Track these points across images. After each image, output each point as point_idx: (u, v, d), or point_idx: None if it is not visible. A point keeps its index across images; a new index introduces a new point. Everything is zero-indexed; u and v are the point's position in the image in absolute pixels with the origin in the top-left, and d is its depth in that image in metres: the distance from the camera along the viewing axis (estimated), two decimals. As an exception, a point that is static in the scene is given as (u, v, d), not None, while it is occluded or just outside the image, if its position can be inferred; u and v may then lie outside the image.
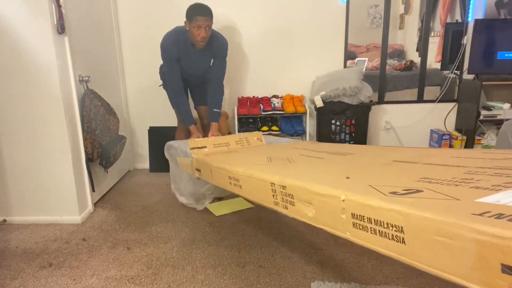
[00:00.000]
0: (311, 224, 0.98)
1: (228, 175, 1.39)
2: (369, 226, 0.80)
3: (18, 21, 2.01)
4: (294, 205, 1.04)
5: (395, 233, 0.73)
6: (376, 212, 0.77)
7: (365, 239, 0.82)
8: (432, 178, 0.94)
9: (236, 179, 1.33)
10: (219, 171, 1.48)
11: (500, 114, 3.00)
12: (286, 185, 1.06)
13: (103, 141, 2.45)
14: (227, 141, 1.99)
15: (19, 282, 1.70)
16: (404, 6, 4.58)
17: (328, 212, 0.91)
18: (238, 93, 3.28)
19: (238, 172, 1.33)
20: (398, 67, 3.91)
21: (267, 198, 1.16)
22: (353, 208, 0.83)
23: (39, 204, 2.29)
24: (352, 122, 2.94)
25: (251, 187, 1.26)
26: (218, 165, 1.51)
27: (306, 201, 0.98)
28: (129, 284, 1.67)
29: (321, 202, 0.93)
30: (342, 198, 0.86)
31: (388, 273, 1.71)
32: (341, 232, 0.88)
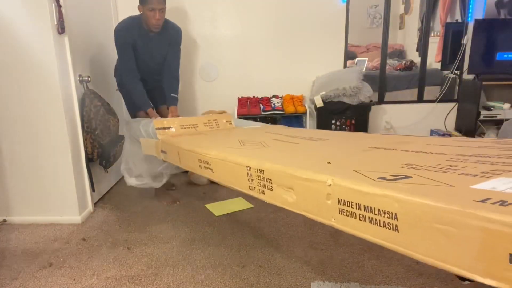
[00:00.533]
0: (291, 210, 0.94)
1: (198, 158, 1.33)
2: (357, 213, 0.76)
3: (18, 21, 2.01)
4: (272, 190, 0.99)
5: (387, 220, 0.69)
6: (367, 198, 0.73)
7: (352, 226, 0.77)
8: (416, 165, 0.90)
9: (207, 162, 1.28)
10: (188, 154, 1.42)
11: (500, 114, 3.00)
12: (264, 169, 1.01)
13: (103, 141, 2.45)
14: (195, 122, 1.90)
15: (19, 282, 1.70)
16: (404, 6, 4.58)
17: (311, 197, 0.87)
18: (238, 93, 3.28)
19: (209, 155, 1.27)
20: (398, 67, 3.91)
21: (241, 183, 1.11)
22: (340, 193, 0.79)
23: (39, 204, 2.29)
24: (352, 122, 2.94)
25: (223, 171, 1.20)
26: (187, 147, 1.44)
27: (287, 186, 0.94)
28: (129, 284, 1.67)
29: (304, 187, 0.89)
30: (328, 182, 0.81)
31: (388, 273, 1.71)
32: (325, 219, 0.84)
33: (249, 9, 3.15)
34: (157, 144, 1.72)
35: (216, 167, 1.24)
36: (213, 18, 3.18)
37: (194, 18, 3.16)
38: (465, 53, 3.19)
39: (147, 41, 2.43)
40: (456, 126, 3.33)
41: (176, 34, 2.54)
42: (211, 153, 1.27)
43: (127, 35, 2.36)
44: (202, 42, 3.21)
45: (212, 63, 3.25)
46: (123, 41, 2.36)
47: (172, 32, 2.51)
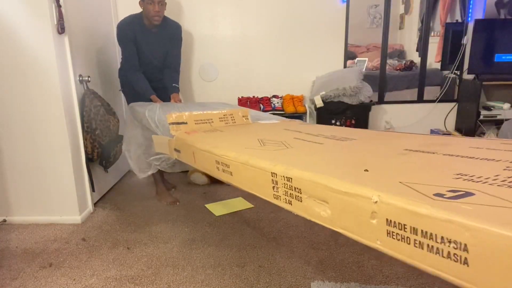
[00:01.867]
0: (325, 225, 0.85)
1: (215, 159, 1.24)
2: (412, 238, 0.63)
3: (18, 21, 2.01)
4: (302, 201, 0.88)
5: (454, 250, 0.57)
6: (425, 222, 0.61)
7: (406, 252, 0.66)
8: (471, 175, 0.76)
9: (226, 164, 1.18)
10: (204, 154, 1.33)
11: (500, 114, 3.00)
12: (292, 177, 0.90)
13: (103, 141, 2.45)
14: (210, 117, 1.81)
15: (19, 282, 1.70)
16: (404, 6, 4.58)
17: (350, 214, 0.76)
18: (238, 93, 3.28)
19: (228, 157, 1.17)
20: (398, 67, 3.91)
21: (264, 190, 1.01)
22: (389, 213, 0.67)
23: (39, 204, 2.29)
24: (352, 122, 2.94)
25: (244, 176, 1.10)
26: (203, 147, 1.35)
27: (320, 198, 0.83)
28: (129, 284, 1.67)
29: (342, 202, 0.77)
30: (374, 199, 0.69)
31: (388, 273, 1.71)
32: (369, 240, 0.73)
33: (249, 9, 3.15)
34: (170, 142, 1.65)
35: (236, 170, 1.14)
36: (213, 18, 3.18)
37: (194, 18, 3.16)
38: (465, 53, 3.19)
39: (148, 36, 2.46)
40: (456, 126, 3.33)
41: (176, 30, 2.59)
42: (230, 154, 1.17)
43: (128, 29, 2.40)
44: (202, 42, 3.21)
45: (212, 63, 3.25)
46: (124, 36, 2.40)
47: (172, 28, 2.57)
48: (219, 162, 1.22)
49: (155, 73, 2.61)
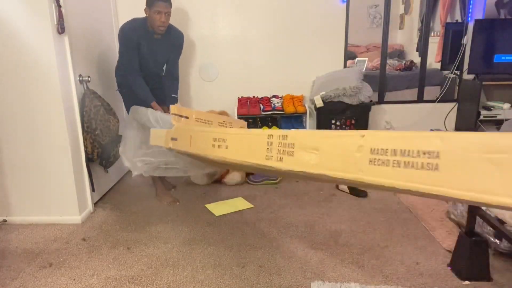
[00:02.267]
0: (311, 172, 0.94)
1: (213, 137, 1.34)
2: (391, 159, 0.74)
3: (18, 21, 2.01)
4: (293, 155, 0.99)
5: (427, 160, 0.68)
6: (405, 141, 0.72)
7: (383, 174, 0.76)
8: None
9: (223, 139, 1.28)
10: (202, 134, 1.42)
11: (500, 114, 3.00)
12: (287, 135, 1.01)
13: (103, 141, 2.45)
14: (211, 119, 1.91)
15: (19, 282, 1.70)
16: (404, 6, 4.58)
17: (338, 154, 0.87)
18: (238, 93, 3.28)
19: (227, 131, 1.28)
20: (398, 67, 3.91)
21: (258, 154, 1.11)
22: (374, 142, 0.78)
23: (39, 204, 2.29)
24: (352, 122, 2.94)
25: (240, 145, 1.21)
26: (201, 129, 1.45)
27: (311, 148, 0.94)
28: (129, 284, 1.67)
29: (332, 145, 0.89)
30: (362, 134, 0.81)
31: (388, 273, 1.71)
32: (351, 173, 0.82)
33: (249, 9, 3.15)
34: (168, 132, 1.72)
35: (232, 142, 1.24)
36: (213, 18, 3.18)
37: (194, 18, 3.16)
38: (465, 53, 3.19)
39: (151, 43, 2.46)
40: (456, 126, 3.33)
41: (179, 38, 2.60)
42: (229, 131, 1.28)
43: (133, 35, 2.39)
44: (202, 42, 3.21)
45: (212, 63, 3.25)
46: (129, 40, 2.40)
47: (176, 36, 2.57)
48: (216, 139, 1.32)
49: (153, 77, 2.63)
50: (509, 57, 3.03)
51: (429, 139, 0.68)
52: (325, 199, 2.58)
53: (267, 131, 1.11)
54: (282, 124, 3.21)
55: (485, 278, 1.64)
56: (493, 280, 1.64)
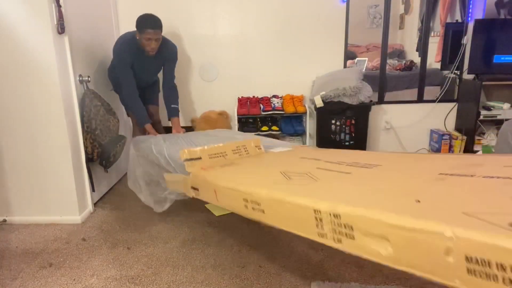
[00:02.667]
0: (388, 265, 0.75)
1: (243, 198, 1.16)
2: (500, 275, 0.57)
3: (18, 21, 2.01)
4: (355, 239, 0.80)
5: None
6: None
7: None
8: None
9: (257, 202, 1.10)
10: (229, 192, 1.25)
11: (500, 114, 3.00)
12: (340, 214, 0.82)
13: (103, 141, 2.46)
14: (224, 150, 1.77)
15: (19, 282, 1.70)
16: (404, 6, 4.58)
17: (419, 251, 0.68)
18: (238, 93, 3.28)
19: (259, 194, 1.09)
20: (398, 67, 3.91)
21: (307, 228, 0.92)
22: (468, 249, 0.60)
23: (39, 204, 2.29)
24: (352, 122, 2.94)
25: (280, 213, 1.02)
26: (226, 184, 1.28)
27: (378, 235, 0.75)
28: (129, 284, 1.67)
29: (406, 238, 0.70)
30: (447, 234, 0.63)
31: (388, 273, 1.71)
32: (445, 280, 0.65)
33: (249, 9, 3.15)
34: (186, 180, 1.59)
35: (269, 208, 1.06)
36: (213, 18, 3.18)
37: (194, 18, 3.16)
38: (465, 53, 3.19)
39: (143, 60, 2.51)
40: (456, 126, 3.33)
41: (171, 54, 2.62)
42: (261, 192, 1.09)
43: (127, 56, 2.44)
44: (202, 42, 3.21)
45: (212, 63, 3.25)
46: (123, 62, 2.45)
47: (168, 51, 2.59)
48: (248, 200, 1.14)
49: (145, 82, 2.71)
50: (508, 57, 3.03)
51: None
52: (325, 199, 2.58)
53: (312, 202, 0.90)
54: (282, 124, 3.21)
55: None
56: (493, 280, 1.63)
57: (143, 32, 2.34)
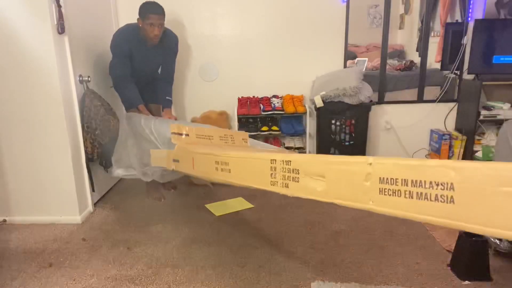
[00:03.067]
0: (319, 199, 0.91)
1: (215, 160, 1.31)
2: (403, 190, 0.71)
3: (18, 21, 2.01)
4: (299, 181, 0.96)
5: (441, 192, 0.64)
6: (417, 171, 0.68)
7: (396, 205, 0.72)
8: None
9: (225, 162, 1.25)
10: (204, 157, 1.40)
11: (500, 114, 3.00)
12: (291, 160, 0.98)
13: (103, 141, 2.45)
14: (211, 134, 1.86)
15: (19, 282, 1.70)
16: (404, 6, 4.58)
17: (345, 182, 0.83)
18: (238, 93, 3.28)
19: (229, 154, 1.25)
20: (398, 67, 3.91)
21: (262, 179, 1.07)
22: (382, 171, 0.74)
23: (39, 204, 2.29)
24: (352, 122, 2.94)
25: (243, 169, 1.18)
26: (204, 151, 1.42)
27: (317, 174, 0.90)
28: (129, 284, 1.67)
29: (338, 172, 0.85)
30: (369, 161, 0.77)
31: (388, 273, 1.71)
32: (361, 203, 0.79)
33: (249, 9, 3.15)
34: (169, 154, 1.69)
35: (235, 166, 1.21)
36: (213, 18, 3.17)
37: (194, 18, 3.16)
38: (465, 53, 3.19)
39: (144, 51, 2.48)
40: (456, 126, 3.33)
41: (172, 44, 2.58)
42: (231, 153, 1.26)
43: (125, 45, 2.40)
44: (202, 42, 3.21)
45: (212, 63, 3.25)
46: (120, 50, 2.41)
47: (169, 41, 2.56)
48: (219, 162, 1.28)
49: (146, 78, 2.66)
50: (508, 58, 3.03)
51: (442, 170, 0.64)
52: (325, 199, 2.58)
53: (270, 155, 1.06)
54: (282, 124, 3.21)
55: (485, 278, 1.64)
56: (493, 280, 1.64)
57: (147, 18, 2.30)
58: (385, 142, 3.40)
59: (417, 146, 3.39)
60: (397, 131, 3.38)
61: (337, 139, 2.98)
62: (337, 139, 2.97)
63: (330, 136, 2.98)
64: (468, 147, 3.08)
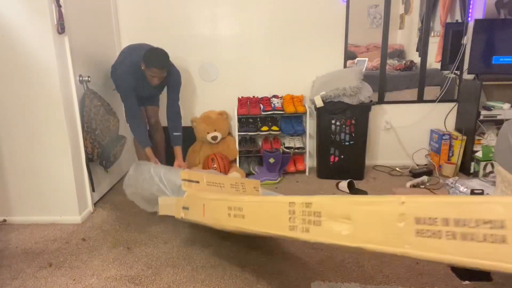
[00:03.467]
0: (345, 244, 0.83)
1: (228, 206, 1.24)
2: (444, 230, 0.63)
3: (18, 21, 2.01)
4: (321, 224, 0.89)
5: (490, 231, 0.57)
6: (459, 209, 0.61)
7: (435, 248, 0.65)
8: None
9: (239, 208, 1.18)
10: (216, 203, 1.31)
11: (500, 114, 3.00)
12: (312, 202, 0.92)
13: (103, 141, 2.46)
14: (222, 181, 1.81)
15: (19, 282, 1.70)
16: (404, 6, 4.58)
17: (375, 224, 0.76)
18: (238, 93, 3.28)
19: (243, 199, 1.17)
20: (398, 67, 3.91)
21: (279, 224, 1.00)
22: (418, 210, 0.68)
23: (39, 204, 2.29)
24: (352, 122, 2.94)
25: (258, 214, 1.09)
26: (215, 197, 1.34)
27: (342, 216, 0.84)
28: (129, 284, 1.67)
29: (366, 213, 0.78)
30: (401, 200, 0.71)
31: (388, 273, 1.71)
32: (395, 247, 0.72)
33: (249, 9, 3.15)
34: (178, 201, 1.64)
35: (249, 211, 1.14)
36: (213, 18, 3.18)
37: (194, 18, 3.16)
38: (465, 53, 3.19)
39: (147, 86, 2.50)
40: (456, 126, 3.33)
41: (175, 79, 2.61)
42: (245, 198, 1.18)
43: (131, 82, 2.42)
44: (202, 42, 3.21)
45: (212, 63, 3.25)
46: (128, 87, 2.43)
47: (173, 81, 2.59)
48: (231, 208, 1.21)
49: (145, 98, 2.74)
50: (507, 58, 3.03)
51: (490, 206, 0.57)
52: (325, 199, 2.58)
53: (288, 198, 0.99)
54: (282, 124, 3.21)
55: (485, 278, 1.64)
56: (493, 280, 1.64)
57: (149, 68, 2.32)
58: (385, 142, 3.40)
59: (417, 146, 3.39)
60: (397, 131, 3.38)
61: (337, 139, 2.98)
62: (337, 139, 2.98)
63: (330, 136, 2.98)
64: (468, 147, 3.08)
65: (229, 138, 3.22)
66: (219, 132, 3.10)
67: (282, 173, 3.12)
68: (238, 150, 3.15)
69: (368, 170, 3.18)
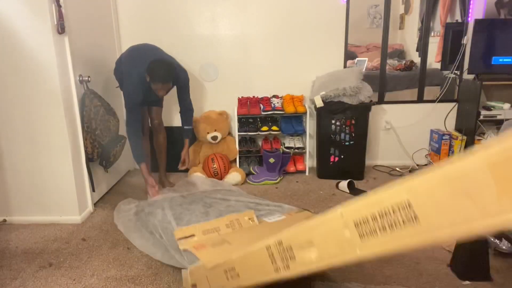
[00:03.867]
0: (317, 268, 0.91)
1: (223, 269, 1.29)
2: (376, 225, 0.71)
3: (18, 21, 2.01)
4: (295, 257, 0.97)
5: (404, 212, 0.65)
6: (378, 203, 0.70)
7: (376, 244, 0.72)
8: None
9: (232, 268, 1.23)
10: (215, 272, 1.36)
11: (500, 114, 3.00)
12: (282, 239, 0.99)
13: (103, 141, 2.46)
14: (217, 225, 1.81)
15: (19, 282, 1.70)
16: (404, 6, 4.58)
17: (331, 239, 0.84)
18: (238, 93, 3.28)
19: (232, 259, 1.24)
20: (398, 67, 3.91)
21: (266, 270, 1.07)
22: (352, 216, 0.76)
23: (39, 204, 2.29)
24: (352, 122, 2.94)
25: (248, 267, 1.17)
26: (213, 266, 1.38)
27: (306, 242, 0.91)
28: (129, 284, 1.67)
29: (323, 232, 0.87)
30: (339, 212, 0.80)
31: (388, 273, 1.71)
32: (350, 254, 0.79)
33: (249, 9, 3.15)
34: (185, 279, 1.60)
35: (240, 267, 1.20)
36: (213, 18, 3.18)
37: (194, 18, 3.16)
38: (465, 53, 3.19)
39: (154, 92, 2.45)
40: (456, 126, 3.33)
41: (183, 81, 2.58)
42: (233, 257, 1.24)
43: (137, 98, 2.40)
44: (202, 42, 3.21)
45: (212, 63, 3.25)
46: (136, 102, 2.40)
47: (180, 82, 2.57)
48: (226, 270, 1.26)
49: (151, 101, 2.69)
50: (507, 58, 3.04)
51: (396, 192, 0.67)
52: (325, 199, 2.58)
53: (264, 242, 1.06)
54: (282, 124, 3.21)
55: (485, 278, 1.64)
56: (493, 280, 1.64)
57: (155, 81, 2.30)
58: (385, 142, 3.40)
59: (417, 146, 3.39)
60: (397, 131, 3.38)
61: (337, 139, 2.98)
62: (337, 139, 2.97)
63: (330, 136, 2.98)
64: (468, 147, 3.08)
65: (229, 138, 3.22)
66: (219, 132, 3.10)
67: (282, 173, 3.11)
68: (238, 150, 3.15)
69: (368, 170, 3.18)
